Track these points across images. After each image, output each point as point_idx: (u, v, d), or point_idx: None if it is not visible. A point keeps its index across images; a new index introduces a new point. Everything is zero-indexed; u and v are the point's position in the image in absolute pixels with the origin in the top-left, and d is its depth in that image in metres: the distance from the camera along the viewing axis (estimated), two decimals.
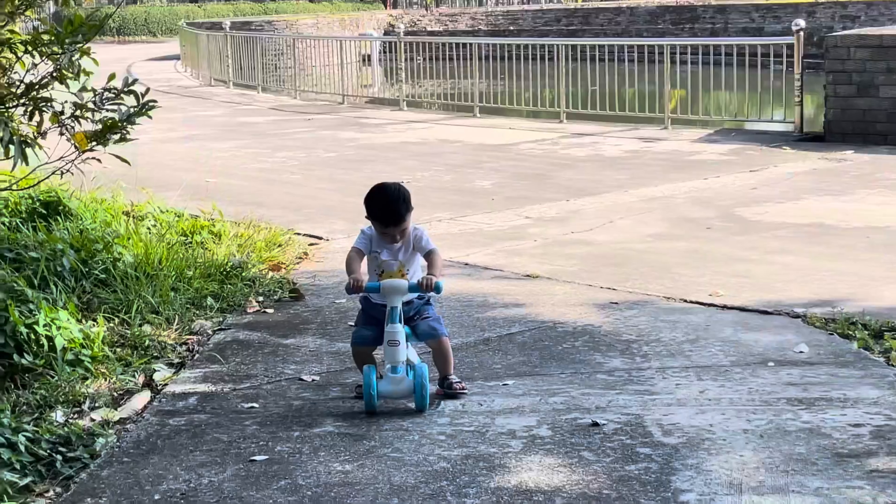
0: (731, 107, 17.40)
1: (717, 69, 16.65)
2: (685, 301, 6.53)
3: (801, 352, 5.52)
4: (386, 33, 36.59)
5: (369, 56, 27.36)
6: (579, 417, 4.69)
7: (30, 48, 5.88)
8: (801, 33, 14.03)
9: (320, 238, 8.64)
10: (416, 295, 4.95)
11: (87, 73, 5.97)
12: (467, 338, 5.91)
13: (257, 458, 4.36)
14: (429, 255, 4.98)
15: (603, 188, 10.62)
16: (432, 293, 4.90)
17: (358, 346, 5.01)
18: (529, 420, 4.67)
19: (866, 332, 5.75)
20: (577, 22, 39.24)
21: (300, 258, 7.97)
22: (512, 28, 39.12)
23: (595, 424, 4.59)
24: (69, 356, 5.36)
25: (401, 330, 4.79)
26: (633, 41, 19.79)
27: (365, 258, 5.04)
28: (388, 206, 4.92)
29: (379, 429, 4.62)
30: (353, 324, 6.20)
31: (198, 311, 6.44)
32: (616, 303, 6.52)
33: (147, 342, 5.83)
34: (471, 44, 19.16)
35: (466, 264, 7.62)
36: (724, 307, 6.38)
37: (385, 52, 26.13)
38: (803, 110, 14.28)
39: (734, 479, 4.04)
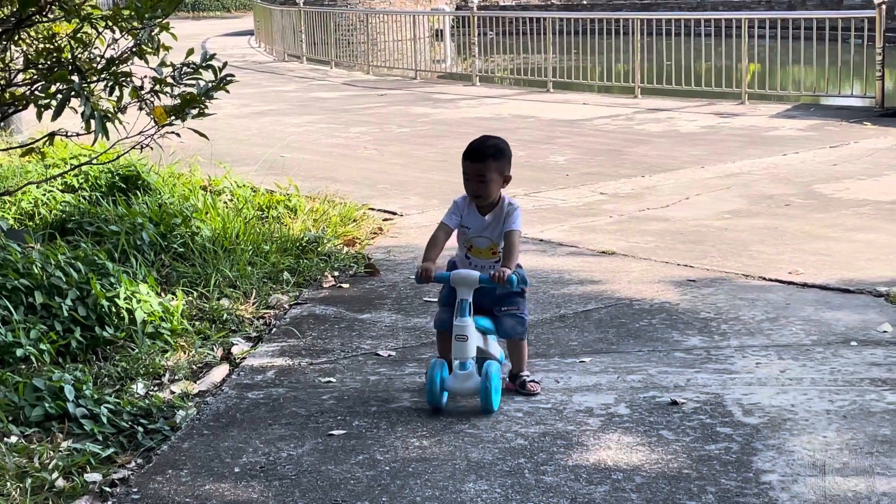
0: (809, 81, 17.10)
1: (795, 43, 16.35)
2: (764, 279, 6.44)
3: (885, 331, 5.41)
4: (458, 8, 36.44)
5: (441, 31, 27.28)
6: (657, 396, 4.64)
7: (110, 24, 5.93)
8: (884, 6, 13.73)
9: (394, 213, 8.65)
10: None
11: (166, 49, 6.01)
12: (543, 314, 5.88)
13: (335, 432, 4.37)
14: (506, 236, 4.58)
15: (679, 164, 10.50)
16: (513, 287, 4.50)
17: (439, 331, 4.71)
18: (607, 398, 4.64)
19: None
20: None
21: (374, 233, 7.98)
22: (585, 2, 38.74)
23: (674, 403, 4.54)
24: (149, 329, 5.43)
25: (470, 324, 4.47)
26: (709, 15, 19.53)
27: (455, 234, 4.72)
28: (476, 143, 4.62)
29: (456, 404, 4.61)
30: (428, 299, 6.22)
31: (274, 286, 6.48)
32: (693, 280, 6.45)
33: (225, 316, 5.88)
34: (544, 18, 19.03)
35: (541, 240, 7.58)
36: (804, 285, 6.28)
37: (457, 27, 26.04)
38: (885, 85, 13.99)
39: (817, 460, 3.97)
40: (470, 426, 4.38)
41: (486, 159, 4.55)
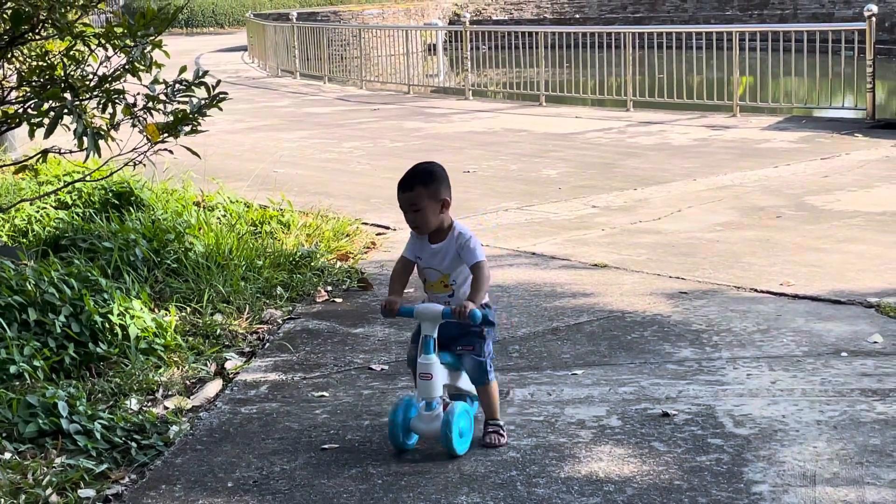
0: (801, 94, 17.16)
1: (786, 56, 16.45)
2: (755, 291, 6.47)
3: (875, 342, 5.44)
4: (451, 22, 36.56)
5: (434, 45, 27.38)
6: (649, 408, 4.66)
7: (102, 41, 5.97)
8: (874, 18, 13.80)
9: (387, 228, 8.67)
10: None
11: (159, 66, 6.04)
12: (535, 327, 5.91)
13: (328, 446, 4.39)
14: (472, 269, 4.28)
15: (671, 177, 10.54)
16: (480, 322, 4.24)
17: (410, 367, 4.49)
18: (599, 410, 4.66)
19: None
20: (643, 9, 38.88)
21: (368, 248, 8.00)
22: (577, 16, 38.89)
23: (665, 415, 4.56)
24: (142, 345, 5.44)
25: (434, 361, 4.21)
26: (700, 28, 19.60)
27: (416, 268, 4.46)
28: (406, 172, 4.36)
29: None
30: None
31: (268, 301, 6.50)
32: (685, 292, 6.48)
33: (218, 331, 5.90)
34: (536, 32, 19.10)
35: (534, 254, 7.60)
36: (796, 297, 6.31)
37: (450, 42, 26.12)
38: (875, 97, 14.05)
39: (807, 470, 3.99)
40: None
41: (414, 187, 4.30)
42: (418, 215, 4.32)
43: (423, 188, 4.29)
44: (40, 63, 6.06)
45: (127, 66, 5.97)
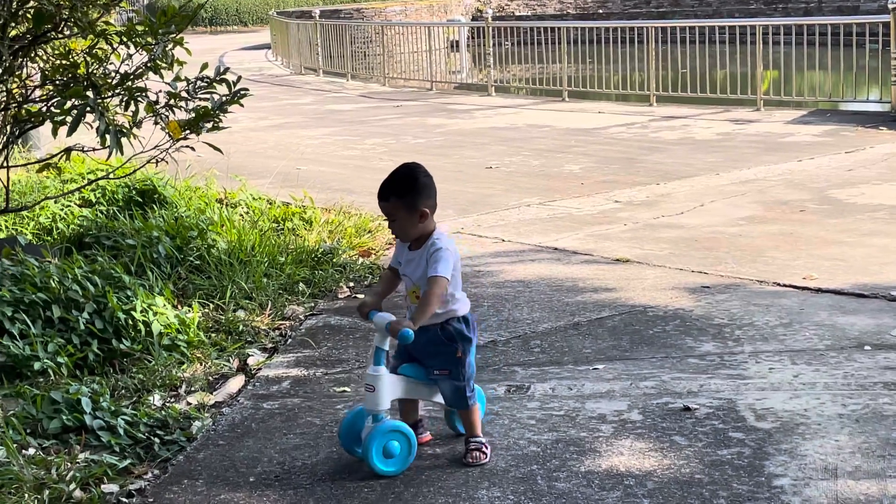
0: (826, 87, 17.07)
1: (810, 49, 16.35)
2: (778, 285, 6.44)
3: None
4: (474, 18, 36.56)
5: (457, 42, 27.38)
6: (670, 402, 4.65)
7: (124, 39, 6.00)
8: None
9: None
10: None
11: (181, 63, 6.07)
12: (557, 322, 5.90)
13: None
14: (427, 283, 4.04)
15: (694, 171, 10.51)
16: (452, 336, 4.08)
17: None
18: (620, 404, 4.65)
19: None
20: (666, 4, 38.75)
21: (390, 244, 8.00)
22: (601, 11, 38.80)
23: (687, 409, 4.55)
24: (165, 341, 5.47)
25: (381, 374, 4.04)
26: (724, 22, 19.51)
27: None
28: (385, 179, 4.16)
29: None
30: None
31: (290, 297, 6.52)
32: (707, 287, 6.46)
33: (241, 327, 5.93)
34: (559, 28, 19.07)
35: (556, 249, 7.60)
36: (819, 290, 6.28)
37: (473, 38, 26.10)
38: None
39: (829, 463, 3.98)
40: (483, 434, 4.40)
41: (388, 197, 4.10)
42: (395, 225, 4.14)
43: (397, 199, 4.08)
44: (63, 62, 6.10)
45: (149, 64, 6.01)
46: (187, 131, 6.05)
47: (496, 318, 6.03)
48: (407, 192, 4.09)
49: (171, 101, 6.04)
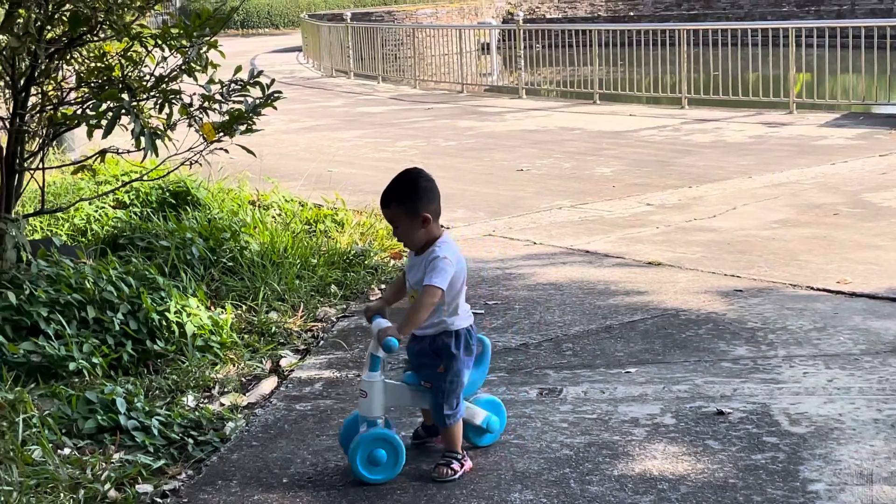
0: (859, 90, 16.95)
1: (843, 52, 16.25)
2: (812, 288, 6.41)
3: None
4: (504, 21, 36.54)
5: (488, 44, 27.34)
6: (704, 406, 4.64)
7: (159, 42, 6.04)
8: None
9: (441, 226, 8.66)
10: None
11: (215, 66, 6.10)
12: (589, 325, 5.89)
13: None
14: (421, 290, 3.99)
15: (726, 174, 10.47)
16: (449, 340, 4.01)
17: None
18: (653, 408, 4.64)
19: None
20: (698, 6, 38.61)
21: None
22: (632, 13, 38.69)
23: (720, 413, 4.53)
24: (199, 342, 5.50)
25: (374, 381, 4.00)
26: (756, 25, 19.45)
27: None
28: (385, 188, 4.09)
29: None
30: (475, 311, 6.24)
31: (322, 299, 6.54)
32: (740, 290, 6.43)
33: (273, 329, 5.95)
34: (590, 30, 19.04)
35: (587, 252, 7.58)
36: (853, 295, 6.24)
37: (504, 40, 26.09)
38: None
39: (864, 469, 3.95)
40: (516, 437, 4.40)
41: (389, 204, 4.05)
42: (398, 232, 4.09)
43: (398, 205, 4.03)
44: (98, 64, 6.14)
45: (183, 67, 6.04)
46: (221, 134, 6.08)
47: (528, 321, 6.02)
48: (407, 198, 4.02)
49: (205, 104, 6.07)
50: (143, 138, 5.71)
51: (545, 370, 5.21)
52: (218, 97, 6.08)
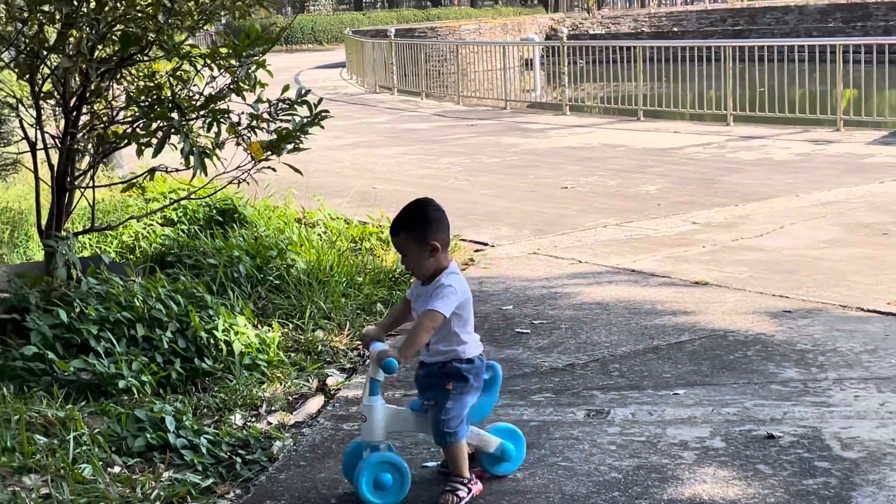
0: None
1: (891, 68, 16.10)
2: (862, 310, 6.34)
3: None
4: (548, 37, 36.56)
5: (531, 60, 27.38)
6: (754, 429, 4.59)
7: (208, 61, 6.09)
8: None
9: (485, 244, 8.68)
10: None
11: (263, 85, 6.14)
12: (636, 345, 5.86)
13: (429, 463, 4.40)
14: (422, 314, 4.00)
15: (772, 192, 10.39)
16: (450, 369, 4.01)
17: None
18: (702, 431, 4.60)
19: None
20: (742, 22, 38.46)
21: (466, 264, 8.02)
22: (676, 29, 38.60)
23: (770, 437, 4.49)
24: (246, 360, 5.53)
25: (374, 405, 4.01)
26: (802, 41, 19.32)
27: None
28: (396, 216, 4.13)
29: (549, 437, 4.61)
30: (520, 330, 6.25)
31: (368, 317, 6.55)
32: (789, 311, 6.37)
33: (320, 347, 5.97)
34: (634, 46, 19.00)
35: (633, 270, 7.55)
36: None
37: (547, 57, 26.10)
38: None
39: None
40: (563, 459, 4.38)
41: (398, 232, 4.06)
42: (407, 261, 4.09)
43: (407, 233, 4.04)
44: (148, 83, 6.20)
45: (232, 86, 6.09)
46: (268, 153, 6.12)
47: (574, 341, 6.00)
48: (416, 226, 4.03)
49: (253, 123, 6.12)
50: (192, 157, 5.76)
51: (592, 391, 5.19)
52: (266, 116, 6.12)
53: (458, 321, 4.04)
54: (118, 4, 5.95)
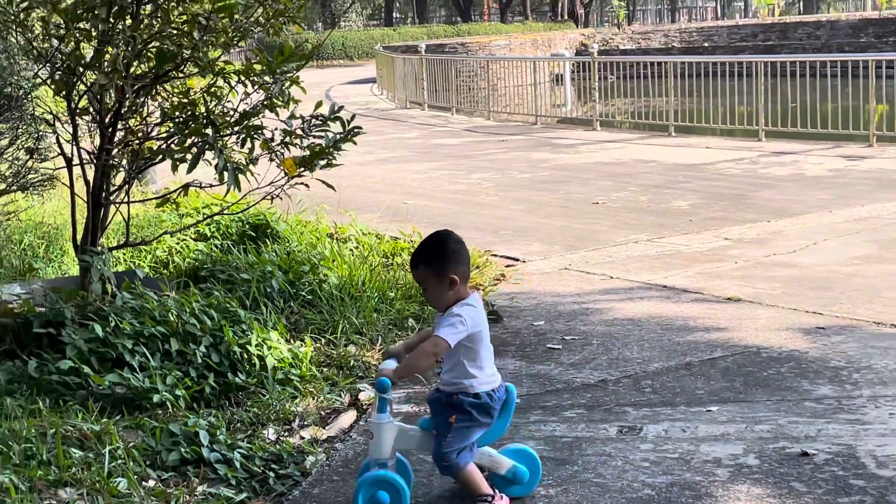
0: None
1: None
2: None
3: None
4: (578, 53, 36.56)
5: (561, 76, 27.38)
6: (787, 446, 4.57)
7: (242, 78, 6.13)
8: None
9: (517, 259, 8.69)
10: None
11: (296, 101, 6.18)
12: (668, 362, 5.85)
13: None
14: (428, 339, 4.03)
15: (805, 208, 10.35)
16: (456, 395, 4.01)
17: None
18: (735, 448, 4.59)
19: None
20: (774, 37, 38.34)
21: (497, 280, 8.02)
22: (706, 45, 38.51)
23: (804, 454, 4.47)
24: (279, 375, 5.55)
25: (382, 423, 4.02)
26: (834, 57, 19.22)
27: None
28: (415, 250, 4.17)
29: (582, 453, 4.61)
30: (552, 346, 6.24)
31: (399, 332, 6.56)
32: (822, 328, 6.34)
33: (352, 362, 5.98)
34: (665, 62, 18.97)
35: (665, 286, 7.53)
36: None
37: (577, 72, 26.10)
38: None
39: None
40: (596, 475, 4.38)
41: (416, 265, 4.10)
42: (427, 294, 4.13)
43: (426, 267, 4.07)
44: (183, 100, 6.25)
45: (265, 103, 6.13)
46: (301, 169, 6.15)
47: (606, 357, 5.99)
48: (435, 259, 4.05)
49: (287, 139, 6.15)
50: (226, 173, 5.80)
51: (624, 407, 5.18)
52: (299, 132, 6.16)
53: (468, 353, 4.03)
54: (154, 21, 6.01)
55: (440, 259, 4.04)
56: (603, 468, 4.44)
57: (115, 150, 6.16)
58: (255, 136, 6.14)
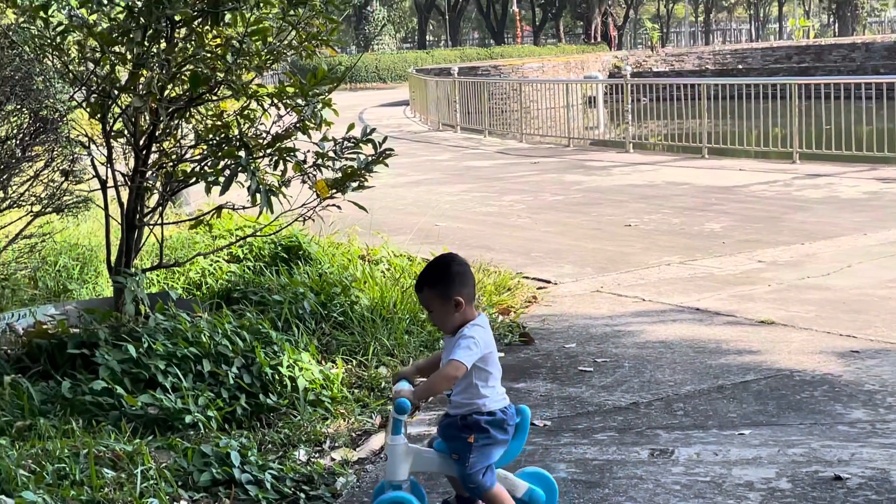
0: None
1: None
2: None
3: None
4: (611, 75, 36.57)
5: (594, 98, 27.40)
6: (820, 470, 4.54)
7: (275, 101, 6.18)
8: None
9: (548, 282, 8.68)
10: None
11: (328, 124, 6.22)
12: (700, 385, 5.82)
13: None
14: (444, 364, 4.01)
15: (839, 231, 10.28)
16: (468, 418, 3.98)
17: None
18: (768, 472, 4.55)
19: None
20: (808, 59, 38.21)
21: (529, 302, 8.02)
22: (740, 67, 38.42)
23: (838, 478, 4.43)
24: (310, 396, 5.56)
25: (397, 444, 4.00)
26: (869, 79, 19.16)
27: None
28: (420, 273, 4.17)
29: (612, 476, 4.59)
30: (583, 368, 6.23)
31: (430, 354, 6.56)
32: (857, 351, 6.29)
33: (383, 384, 5.99)
34: (698, 84, 18.93)
35: (697, 309, 7.50)
36: None
37: (610, 94, 26.10)
38: None
39: None
40: (627, 498, 4.36)
41: (421, 289, 4.09)
42: (432, 316, 4.13)
43: (430, 289, 4.05)
44: (216, 122, 6.30)
45: (298, 125, 6.17)
46: (333, 191, 6.18)
47: (638, 380, 5.97)
48: (439, 282, 4.03)
49: (319, 161, 6.19)
50: (259, 195, 5.84)
51: (656, 430, 5.16)
52: (331, 154, 6.20)
53: (480, 374, 4.01)
54: (188, 45, 6.07)
55: (444, 281, 4.03)
56: (634, 491, 4.42)
57: (149, 173, 6.21)
58: (288, 158, 6.19)
